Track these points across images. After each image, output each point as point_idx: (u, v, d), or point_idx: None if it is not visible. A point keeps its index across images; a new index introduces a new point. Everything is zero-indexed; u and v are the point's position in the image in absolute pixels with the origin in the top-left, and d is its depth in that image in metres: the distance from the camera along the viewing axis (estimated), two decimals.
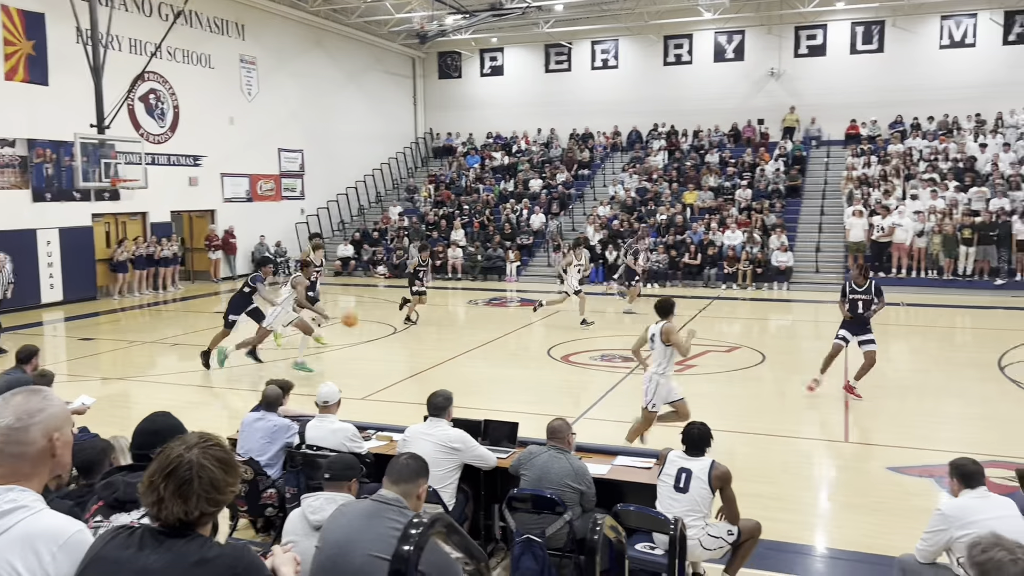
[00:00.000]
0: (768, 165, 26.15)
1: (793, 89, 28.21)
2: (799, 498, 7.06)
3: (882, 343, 14.81)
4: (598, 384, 11.05)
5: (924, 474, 7.46)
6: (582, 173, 28.82)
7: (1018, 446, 8.19)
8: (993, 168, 22.98)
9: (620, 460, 5.63)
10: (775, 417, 9.76)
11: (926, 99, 26.39)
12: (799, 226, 23.53)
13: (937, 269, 20.49)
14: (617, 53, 30.66)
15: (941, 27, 26.77)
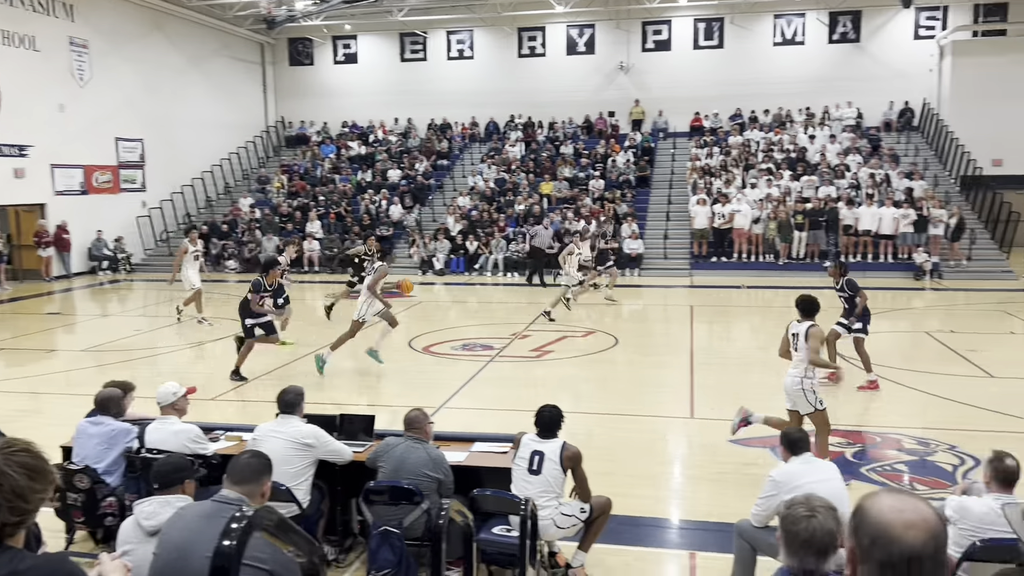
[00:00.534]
0: (619, 156, 27.05)
1: (641, 82, 29.29)
2: (649, 473, 7.37)
3: (725, 324, 15.72)
4: (459, 373, 11.10)
5: (762, 444, 7.97)
6: (441, 163, 28.78)
7: (845, 413, 8.91)
8: (821, 158, 24.77)
9: (478, 447, 5.69)
10: (628, 397, 10.14)
11: (762, 93, 28.09)
12: (648, 214, 24.50)
13: (774, 253, 21.89)
14: (472, 44, 30.77)
15: (774, 25, 28.54)
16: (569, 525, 5.06)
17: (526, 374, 11.24)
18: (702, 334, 14.27)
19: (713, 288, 19.55)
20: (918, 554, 1.52)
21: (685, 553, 5.78)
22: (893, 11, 26.97)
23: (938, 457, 7.51)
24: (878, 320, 14.26)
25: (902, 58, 27.59)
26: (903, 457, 7.56)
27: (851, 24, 27.97)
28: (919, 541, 1.52)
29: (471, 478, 5.29)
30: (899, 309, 16.56)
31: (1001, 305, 16.43)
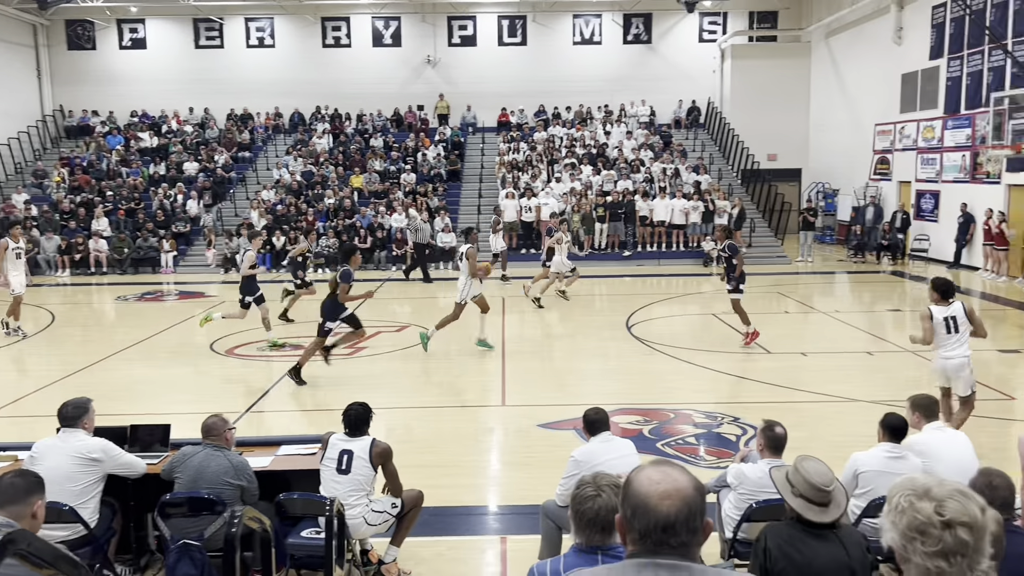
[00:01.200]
0: (429, 150, 27.13)
1: (449, 77, 29.52)
2: (462, 462, 7.49)
3: (535, 313, 16.20)
4: (267, 376, 10.71)
5: (569, 427, 8.33)
6: (243, 156, 27.52)
7: (643, 393, 9.49)
8: (619, 153, 26.14)
9: (284, 450, 5.53)
10: (442, 389, 10.24)
11: (564, 90, 29.19)
12: (460, 208, 24.78)
13: (579, 244, 22.83)
14: (273, 32, 29.63)
15: (574, 25, 29.73)
16: (380, 522, 5.04)
17: (339, 372, 11.02)
18: (514, 324, 14.65)
19: (524, 279, 20.08)
20: (672, 522, 1.67)
21: (496, 538, 5.94)
22: (680, 15, 28.90)
23: (724, 429, 8.19)
24: (672, 304, 15.27)
25: (689, 60, 29.66)
26: (694, 431, 8.17)
27: (643, 26, 29.69)
28: (673, 509, 1.67)
29: (278, 483, 5.13)
30: (690, 294, 17.83)
31: (776, 287, 18.11)
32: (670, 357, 11.47)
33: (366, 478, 4.96)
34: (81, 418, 4.87)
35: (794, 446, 6.67)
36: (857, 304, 16.92)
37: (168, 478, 4.79)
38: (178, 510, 4.59)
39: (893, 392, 8.68)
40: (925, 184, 21.84)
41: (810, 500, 3.39)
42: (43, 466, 4.65)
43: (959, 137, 20.15)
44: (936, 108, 21.13)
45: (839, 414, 8.59)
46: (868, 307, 16.30)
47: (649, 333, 13.07)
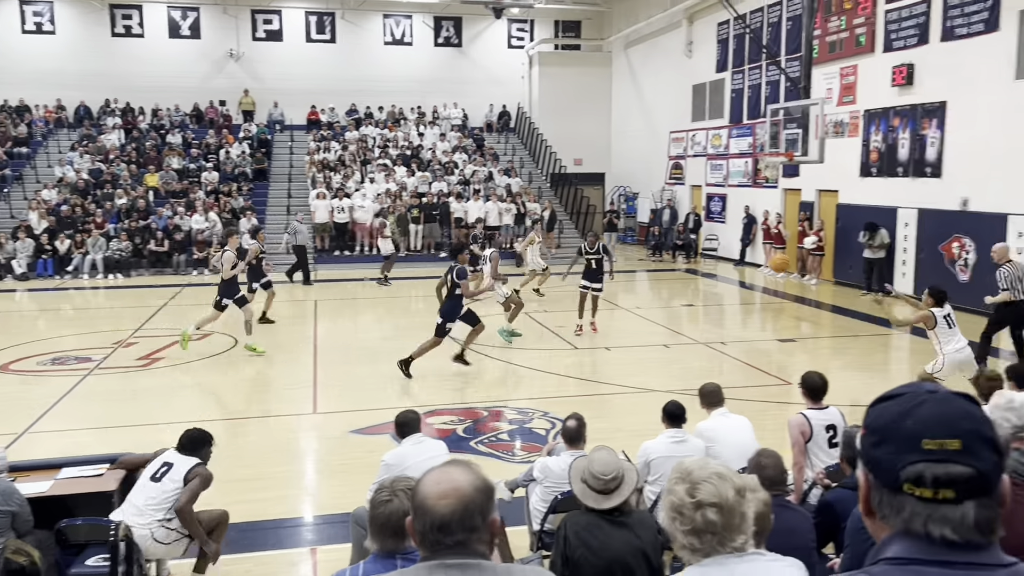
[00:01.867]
0: (233, 148, 25.91)
1: (254, 72, 28.34)
2: (272, 474, 7.22)
3: (350, 317, 15.93)
4: (48, 392, 9.77)
5: (384, 431, 8.24)
6: (19, 151, 24.95)
7: (457, 393, 9.58)
8: (432, 155, 26.24)
9: (66, 473, 5.07)
10: (251, 399, 9.82)
11: (376, 90, 28.88)
12: (268, 209, 23.85)
13: (395, 245, 22.65)
14: (53, 17, 27.08)
15: (384, 25, 29.49)
16: (171, 540, 4.73)
17: (132, 385, 10.26)
18: (326, 329, 14.30)
19: (337, 282, 19.68)
20: (447, 521, 1.70)
21: (306, 550, 5.77)
22: (489, 20, 29.44)
23: (535, 424, 8.44)
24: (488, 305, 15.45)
25: (499, 65, 30.32)
26: (507, 427, 8.36)
27: (453, 29, 29.98)
28: (448, 509, 1.70)
29: (59, 508, 4.70)
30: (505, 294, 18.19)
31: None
32: (484, 356, 11.65)
33: (168, 494, 4.67)
34: None
35: (599, 437, 6.98)
36: (655, 300, 18.01)
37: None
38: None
39: (687, 382, 9.31)
40: (714, 188, 23.64)
41: (591, 487, 3.57)
42: None
43: (742, 145, 21.98)
44: (723, 118, 22.93)
45: (639, 404, 9.10)
46: (665, 303, 17.40)
47: (464, 333, 13.19)
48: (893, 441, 1.21)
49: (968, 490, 1.16)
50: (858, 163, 17.25)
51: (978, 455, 1.17)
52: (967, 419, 1.20)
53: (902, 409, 1.23)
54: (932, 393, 1.24)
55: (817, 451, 5.26)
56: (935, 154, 15.18)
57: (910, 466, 1.18)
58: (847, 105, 17.54)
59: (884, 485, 1.22)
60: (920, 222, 15.60)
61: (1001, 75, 13.62)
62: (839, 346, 12.56)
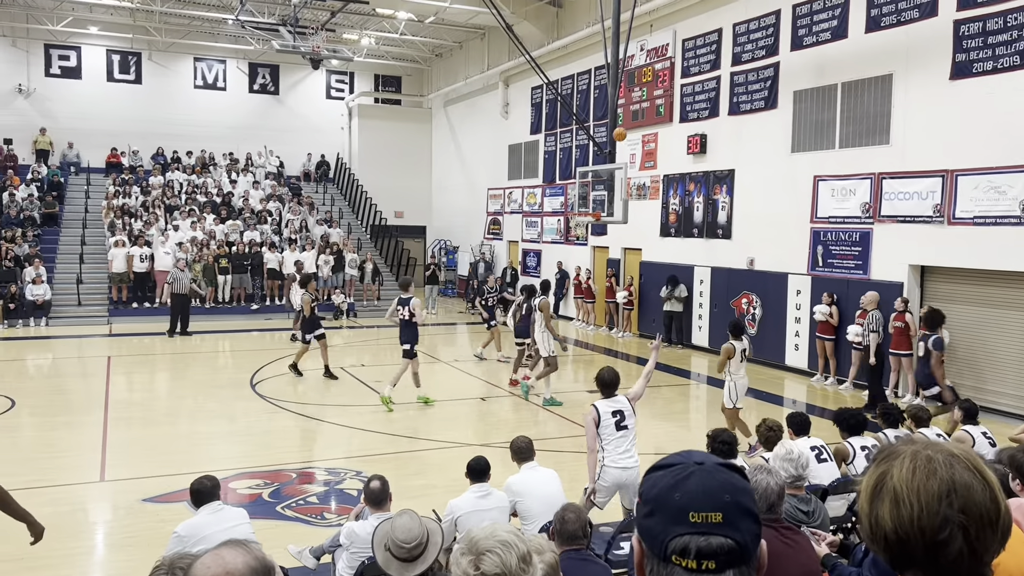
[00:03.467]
0: (20, 190, 23.73)
1: (46, 110, 26.28)
2: (50, 552, 6.49)
3: (147, 373, 14.90)
4: None
5: (180, 499, 7.68)
6: None
7: (266, 454, 9.14)
8: (244, 203, 25.32)
9: None
10: (29, 467, 8.84)
11: (185, 134, 27.59)
12: (58, 256, 21.94)
13: (199, 298, 21.51)
14: None
15: (195, 68, 28.39)
16: None
17: None
18: (120, 386, 13.25)
19: (135, 336, 18.37)
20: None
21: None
22: (307, 70, 29.06)
23: (346, 484, 8.19)
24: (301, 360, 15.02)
25: (318, 114, 29.99)
26: (316, 489, 8.05)
27: (270, 77, 29.39)
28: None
29: None
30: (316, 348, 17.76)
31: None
32: (295, 414, 11.24)
33: None
34: None
35: (414, 494, 6.94)
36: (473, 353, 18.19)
37: None
38: None
39: (501, 434, 9.44)
40: (530, 244, 24.43)
41: (394, 555, 3.51)
42: None
43: (555, 203, 22.95)
44: (537, 177, 23.86)
45: (455, 459, 9.06)
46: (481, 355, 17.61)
47: (276, 391, 12.70)
48: (663, 512, 1.27)
49: (728, 560, 1.23)
50: (659, 223, 18.49)
51: (737, 527, 1.25)
52: (729, 491, 1.27)
53: (672, 481, 1.29)
54: (700, 465, 1.31)
55: (606, 434, 6.30)
56: (725, 217, 16.58)
57: (677, 538, 1.23)
58: (648, 170, 18.83)
59: (655, 555, 1.27)
60: (713, 279, 16.89)
61: (779, 148, 15.16)
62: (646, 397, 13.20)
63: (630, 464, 6.26)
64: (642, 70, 18.87)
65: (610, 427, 6.28)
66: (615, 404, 6.41)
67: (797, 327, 14.75)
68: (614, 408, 6.37)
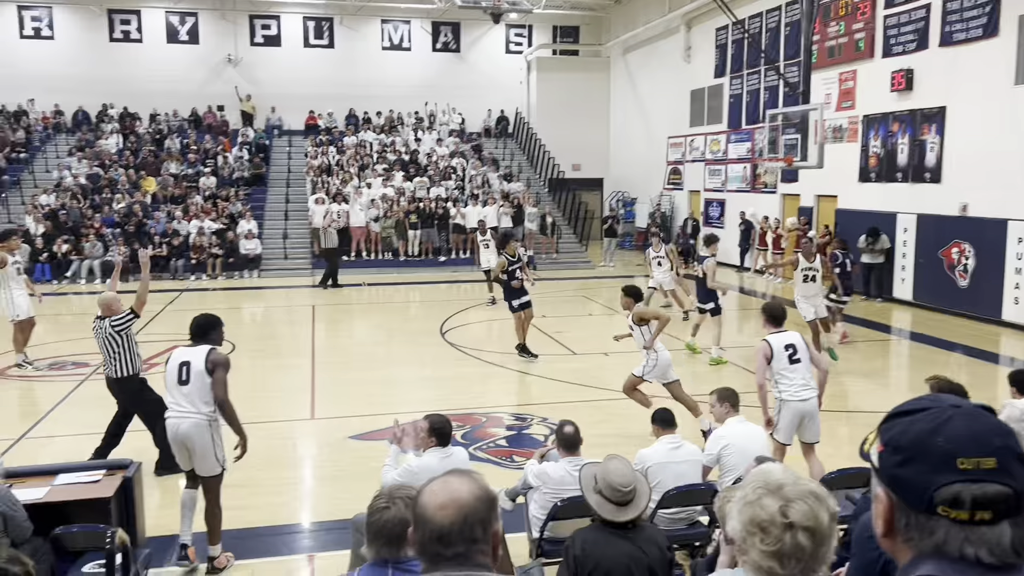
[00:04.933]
0: (231, 153, 25.89)
1: (252, 77, 28.33)
2: (269, 480, 7.16)
3: (347, 322, 15.91)
4: (46, 397, 9.73)
5: (381, 437, 8.20)
6: (18, 156, 24.91)
7: (456, 398, 9.53)
8: (430, 160, 26.22)
9: (63, 479, 5.02)
10: (250, 404, 9.67)
11: (374, 95, 28.87)
12: (266, 214, 23.82)
13: (392, 251, 22.67)
14: (52, 23, 27.08)
15: (382, 30, 29.50)
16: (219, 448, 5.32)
17: None
18: (323, 333, 14.27)
19: (335, 286, 19.64)
20: (446, 532, 1.67)
21: (304, 557, 5.73)
22: (487, 26, 29.47)
23: (533, 429, 8.40)
24: (484, 310, 15.46)
25: (497, 70, 30.32)
26: (504, 433, 8.32)
27: (452, 35, 30.00)
28: (447, 520, 1.67)
29: (56, 515, 4.66)
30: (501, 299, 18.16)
31: (581, 291, 18.88)
32: (482, 362, 11.62)
33: (204, 383, 5.21)
34: None
35: (603, 443, 6.97)
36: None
37: None
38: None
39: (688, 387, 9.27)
40: (712, 193, 23.63)
41: (607, 498, 3.51)
42: None
43: (741, 150, 21.99)
44: (721, 123, 22.93)
45: (639, 411, 9.04)
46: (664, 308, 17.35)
47: (463, 339, 13.19)
48: (924, 460, 1.16)
49: (1005, 510, 1.13)
50: (857, 168, 17.24)
51: (1012, 473, 1.13)
52: (999, 435, 1.16)
53: (931, 426, 1.18)
54: (957, 408, 1.20)
55: (780, 368, 6.25)
56: (934, 159, 15.18)
57: (945, 487, 1.13)
58: (846, 110, 17.54)
59: (912, 506, 1.17)
60: (920, 227, 15.59)
61: (1000, 80, 13.62)
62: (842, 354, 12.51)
63: (808, 396, 6.24)
64: (839, 2, 17.50)
65: (783, 360, 6.27)
66: (787, 338, 6.37)
67: (1018, 279, 13.36)
68: (786, 342, 6.33)
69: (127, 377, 7.09)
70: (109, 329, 6.94)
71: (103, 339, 6.97)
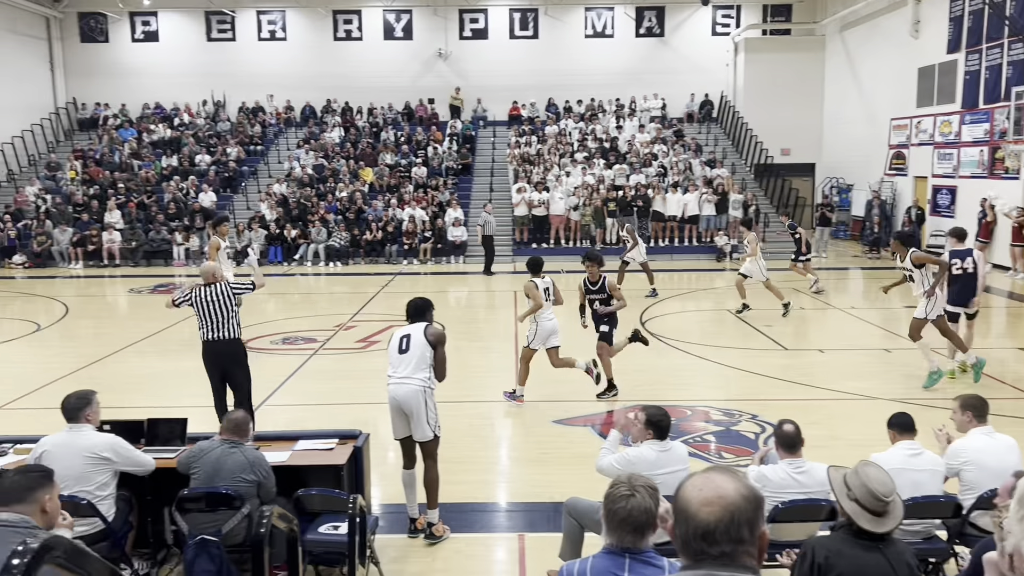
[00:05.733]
0: (441, 144, 27.07)
1: (460, 70, 29.41)
2: (477, 458, 7.44)
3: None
4: (280, 369, 10.68)
5: (585, 423, 8.27)
6: (254, 149, 27.52)
7: (659, 389, 9.40)
8: (630, 147, 26.00)
9: (301, 444, 5.48)
10: (454, 384, 10.09)
11: (575, 83, 29.03)
12: (471, 202, 24.70)
13: (590, 239, 22.74)
14: (285, 25, 29.58)
15: (586, 18, 29.55)
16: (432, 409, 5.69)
17: (352, 366, 11.00)
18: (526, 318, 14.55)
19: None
20: (711, 529, 1.61)
21: (514, 535, 5.88)
22: (693, 8, 28.70)
23: (742, 426, 8.10)
24: (685, 300, 15.12)
25: (702, 53, 29.45)
26: (711, 428, 8.09)
27: (656, 19, 29.49)
28: (713, 517, 1.61)
29: (295, 478, 5.09)
30: (702, 289, 17.72)
31: (790, 283, 17.95)
32: (684, 353, 11.38)
33: (423, 354, 5.67)
34: (84, 410, 4.76)
35: (814, 444, 6.57)
36: (873, 300, 16.76)
37: (185, 472, 4.74)
38: (195, 505, 4.55)
39: (910, 390, 8.58)
40: (942, 179, 21.62)
41: (865, 507, 3.29)
42: (54, 463, 4.61)
43: (977, 132, 19.93)
44: (954, 102, 20.90)
45: (858, 412, 8.48)
46: (884, 303, 16.12)
47: (663, 328, 12.98)
48: None
49: None
50: None
51: None
52: None
53: None
54: None
55: None
56: None
57: None
58: None
59: None
60: None
61: None
62: None
63: None
64: None
65: None
66: None
67: None
68: None
69: (235, 339, 7.42)
70: (225, 291, 7.29)
71: (216, 302, 7.26)
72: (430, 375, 5.71)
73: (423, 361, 5.67)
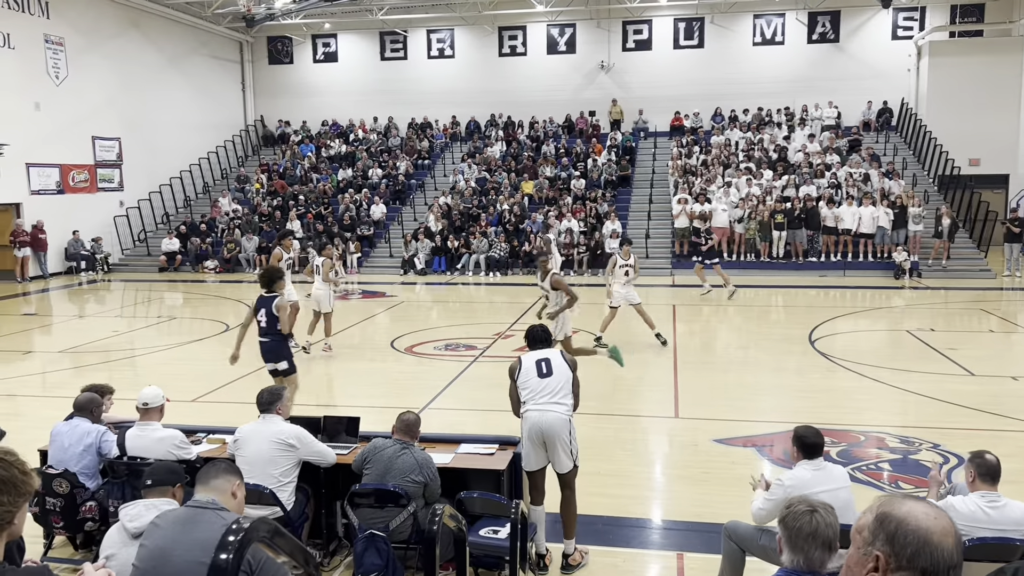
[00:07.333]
0: (600, 156, 27.08)
1: (622, 82, 29.34)
2: (635, 473, 7.35)
3: (707, 323, 15.74)
4: (442, 374, 11.03)
5: (747, 444, 7.98)
6: (422, 162, 28.67)
7: (828, 412, 8.93)
8: (801, 157, 24.91)
9: (464, 448, 5.63)
10: (612, 397, 10.11)
11: (742, 92, 28.21)
12: (630, 214, 24.53)
13: (754, 252, 21.98)
14: (453, 43, 30.68)
15: (754, 25, 28.68)
16: (574, 444, 5.38)
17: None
18: (684, 333, 14.29)
19: (695, 287, 19.57)
20: (957, 562, 1.49)
21: (672, 554, 5.75)
22: (872, 11, 27.20)
23: (922, 456, 7.54)
24: (859, 319, 14.34)
25: (880, 58, 27.83)
26: (886, 456, 7.58)
27: (830, 24, 28.17)
28: (956, 548, 1.50)
29: (457, 480, 5.24)
30: (879, 308, 16.67)
31: (979, 303, 16.58)
32: (857, 375, 10.74)
33: (568, 377, 5.43)
34: (275, 404, 5.25)
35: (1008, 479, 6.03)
36: None
37: (358, 470, 5.00)
38: (366, 500, 4.79)
39: None
40: None
41: None
42: (247, 449, 5.04)
43: None
44: None
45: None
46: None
47: (833, 348, 12.33)
48: None
49: None
50: None
51: None
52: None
53: None
54: None
55: None
56: None
57: None
58: None
59: None
60: None
61: None
62: None
63: None
64: None
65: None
66: None
67: None
68: None
69: None
70: None
71: None
72: (572, 402, 5.42)
73: (567, 387, 5.39)
